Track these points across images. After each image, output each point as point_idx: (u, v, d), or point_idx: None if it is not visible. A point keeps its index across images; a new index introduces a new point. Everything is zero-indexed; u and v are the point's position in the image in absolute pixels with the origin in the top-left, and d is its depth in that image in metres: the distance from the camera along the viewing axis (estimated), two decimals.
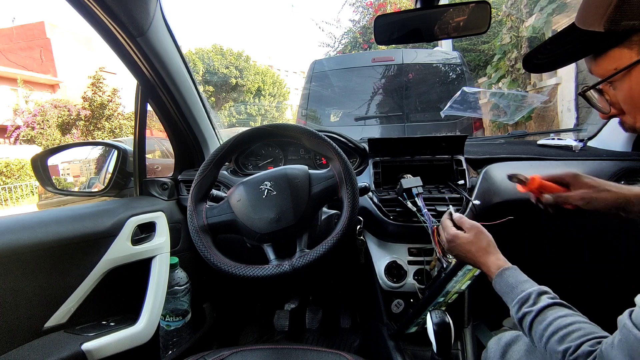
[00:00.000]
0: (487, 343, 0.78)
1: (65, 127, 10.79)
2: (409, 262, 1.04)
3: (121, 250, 0.94)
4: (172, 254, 1.08)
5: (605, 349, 0.43)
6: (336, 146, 0.81)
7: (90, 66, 11.19)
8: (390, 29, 0.90)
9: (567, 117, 3.52)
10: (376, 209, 1.02)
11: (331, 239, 0.74)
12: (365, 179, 1.12)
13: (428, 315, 0.78)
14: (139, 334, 0.92)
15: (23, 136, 10.50)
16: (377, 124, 2.90)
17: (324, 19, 18.57)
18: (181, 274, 1.10)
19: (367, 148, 1.17)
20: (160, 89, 1.07)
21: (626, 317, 0.42)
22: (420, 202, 0.92)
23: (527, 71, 0.63)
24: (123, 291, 0.97)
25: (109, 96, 10.90)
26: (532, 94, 3.59)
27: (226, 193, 0.87)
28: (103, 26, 0.87)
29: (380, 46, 4.05)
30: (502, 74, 4.03)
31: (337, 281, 1.52)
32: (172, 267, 1.07)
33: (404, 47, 2.91)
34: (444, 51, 3.32)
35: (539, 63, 0.59)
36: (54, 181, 1.27)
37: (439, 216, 0.92)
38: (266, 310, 1.58)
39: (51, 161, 1.19)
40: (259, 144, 1.34)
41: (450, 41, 4.00)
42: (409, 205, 0.94)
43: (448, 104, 1.77)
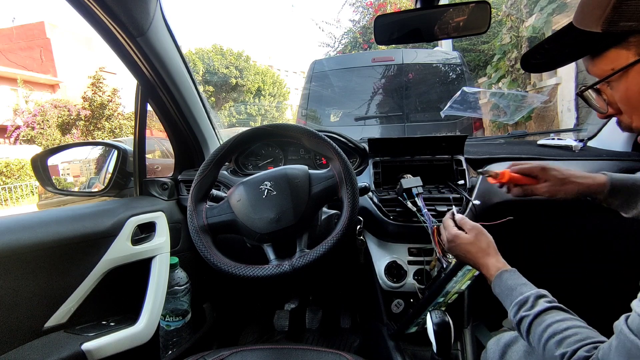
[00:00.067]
0: (487, 343, 0.78)
1: (65, 127, 10.79)
2: (409, 262, 1.04)
3: (121, 250, 0.94)
4: (172, 254, 1.08)
5: (601, 355, 0.42)
6: (336, 146, 0.81)
7: (90, 66, 11.19)
8: (390, 29, 0.90)
9: (567, 117, 3.52)
10: (376, 209, 1.02)
11: (331, 239, 0.74)
12: (365, 179, 1.12)
13: (428, 315, 0.78)
14: (139, 334, 0.92)
15: (23, 136, 10.50)
16: (377, 124, 2.90)
17: (324, 19, 18.57)
18: (181, 274, 1.10)
19: (367, 148, 1.17)
20: (160, 89, 1.07)
21: (622, 323, 0.42)
22: (420, 202, 0.92)
23: (525, 71, 0.64)
24: (123, 291, 0.97)
25: (109, 96, 10.89)
26: (532, 94, 3.60)
27: (226, 193, 0.87)
28: (103, 26, 0.87)
29: (380, 46, 4.05)
30: (502, 74, 4.03)
31: (337, 281, 1.52)
32: (172, 267, 1.07)
33: (404, 47, 2.91)
34: (444, 51, 3.32)
35: (537, 63, 0.59)
36: (54, 181, 1.27)
37: (439, 216, 0.92)
38: (266, 310, 1.58)
39: (51, 161, 1.19)
40: (259, 144, 1.34)
41: (450, 41, 4.00)
42: (409, 205, 0.94)
43: (448, 104, 1.76)
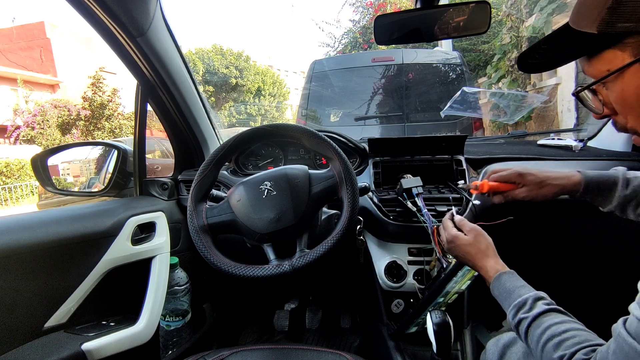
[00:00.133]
0: (486, 344, 0.78)
1: (65, 127, 10.79)
2: (409, 262, 1.04)
3: (121, 250, 0.94)
4: (172, 254, 1.08)
5: (599, 358, 0.42)
6: (336, 146, 0.81)
7: (90, 66, 11.19)
8: (390, 29, 0.90)
9: (567, 117, 3.52)
10: (376, 209, 1.02)
11: (331, 239, 0.74)
12: (365, 179, 1.12)
13: (428, 315, 0.78)
14: (139, 334, 0.92)
15: (23, 136, 10.50)
16: (377, 124, 2.90)
17: (324, 19, 18.57)
18: (181, 274, 1.10)
19: (367, 148, 1.17)
20: (160, 89, 1.07)
21: (620, 326, 0.42)
22: (420, 202, 0.92)
23: (522, 71, 0.64)
24: (123, 291, 0.97)
25: (109, 96, 10.89)
26: (532, 94, 3.59)
27: (226, 193, 0.87)
28: (103, 26, 0.87)
29: (380, 46, 4.05)
30: (502, 74, 4.03)
31: (337, 281, 1.52)
32: (172, 267, 1.07)
33: (404, 47, 2.91)
34: (444, 51, 3.32)
35: (534, 63, 0.59)
36: (54, 181, 1.27)
37: (439, 216, 0.92)
38: (266, 310, 1.58)
39: (51, 161, 1.19)
40: (259, 144, 1.34)
41: (450, 41, 4.00)
42: (409, 205, 0.94)
43: (448, 104, 1.76)
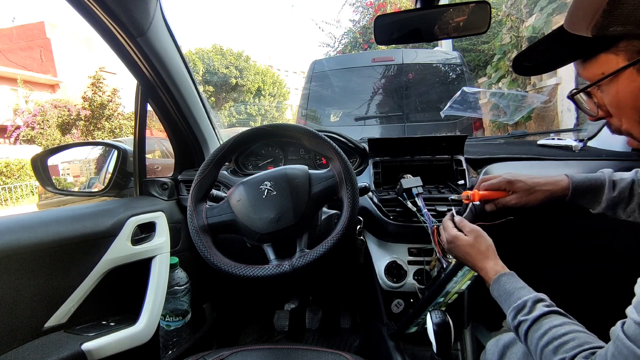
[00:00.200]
0: (486, 344, 0.78)
1: (65, 127, 10.79)
2: (409, 262, 1.04)
3: (121, 250, 0.94)
4: (172, 254, 1.08)
5: None
6: (336, 146, 0.81)
7: (90, 66, 11.19)
8: (390, 29, 0.90)
9: (567, 117, 3.51)
10: (376, 209, 1.02)
11: (331, 239, 0.74)
12: (365, 179, 1.12)
13: (428, 315, 0.78)
14: (139, 334, 0.92)
15: (23, 136, 10.50)
16: (377, 124, 2.90)
17: (324, 19, 18.56)
18: (181, 274, 1.10)
19: (367, 148, 1.17)
20: (160, 89, 1.07)
21: (619, 329, 0.42)
22: (420, 202, 0.92)
23: (517, 74, 0.64)
24: (123, 291, 0.97)
25: (109, 96, 10.89)
26: (532, 94, 3.59)
27: (226, 193, 0.87)
28: (103, 26, 0.87)
29: (380, 46, 4.05)
30: (502, 74, 4.03)
31: (337, 281, 1.52)
32: (172, 267, 1.07)
33: (404, 47, 2.91)
34: (444, 51, 3.32)
35: (529, 66, 0.59)
36: (54, 181, 1.27)
37: (439, 216, 0.92)
38: (266, 310, 1.58)
39: (51, 161, 1.19)
40: (259, 144, 1.34)
41: (450, 41, 3.99)
42: (409, 205, 0.94)
43: (448, 104, 1.76)
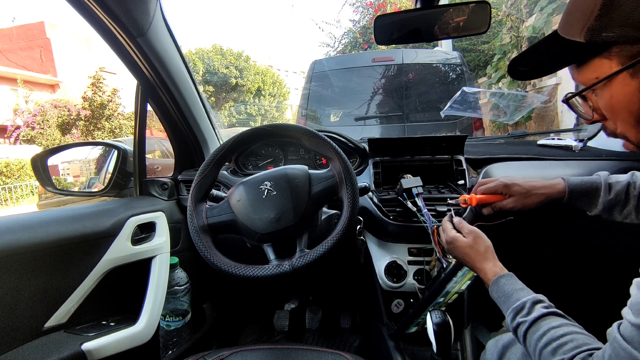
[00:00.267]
0: (486, 344, 0.78)
1: (65, 127, 10.79)
2: (409, 262, 1.04)
3: (121, 250, 0.94)
4: (172, 254, 1.08)
5: None
6: (336, 146, 0.81)
7: (90, 66, 11.19)
8: (390, 29, 0.90)
9: (567, 117, 3.51)
10: (376, 209, 1.02)
11: (331, 239, 0.74)
12: (365, 179, 1.12)
13: (428, 315, 0.78)
14: (139, 334, 0.92)
15: (23, 136, 10.50)
16: (377, 124, 2.90)
17: (324, 19, 18.55)
18: (181, 274, 1.10)
19: (367, 148, 1.17)
20: (160, 89, 1.07)
21: (615, 330, 0.42)
22: (420, 202, 0.92)
23: (513, 78, 0.64)
24: (123, 291, 0.97)
25: (109, 96, 10.89)
26: (532, 94, 3.59)
27: (226, 193, 0.87)
28: (103, 26, 0.87)
29: (380, 46, 4.05)
30: (502, 74, 4.02)
31: (337, 281, 1.52)
32: (172, 267, 1.07)
33: (404, 47, 2.91)
34: (444, 51, 3.32)
35: (524, 71, 0.59)
36: (54, 181, 1.27)
37: (439, 216, 0.92)
38: (266, 310, 1.58)
39: (51, 161, 1.19)
40: (259, 144, 1.34)
41: (450, 41, 3.99)
42: (409, 205, 0.94)
43: (448, 104, 1.76)
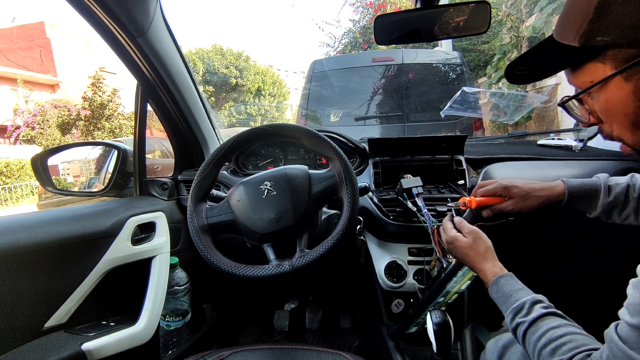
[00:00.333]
0: (486, 344, 0.78)
1: (65, 127, 10.79)
2: (409, 262, 1.04)
3: (121, 250, 0.94)
4: (172, 254, 1.08)
5: None
6: (336, 146, 0.81)
7: (90, 66, 11.19)
8: (390, 29, 0.90)
9: (567, 117, 3.49)
10: (376, 209, 1.02)
11: (331, 239, 0.74)
12: (365, 179, 1.12)
13: (428, 315, 0.78)
14: (139, 334, 0.92)
15: (23, 136, 10.50)
16: (377, 124, 2.90)
17: (324, 19, 18.52)
18: (181, 274, 1.10)
19: (367, 148, 1.17)
20: (160, 89, 1.07)
21: (612, 331, 0.42)
22: (420, 202, 0.92)
23: (510, 82, 0.64)
24: (123, 291, 0.97)
25: (109, 96, 10.89)
26: (532, 94, 3.59)
27: (226, 193, 0.87)
28: (103, 26, 0.87)
29: (380, 46, 4.05)
30: (502, 74, 4.03)
31: (337, 281, 1.52)
32: (172, 267, 1.07)
33: (404, 47, 2.91)
34: (444, 51, 3.32)
35: (521, 74, 0.59)
36: (54, 181, 1.27)
37: (439, 216, 0.93)
38: (266, 310, 1.58)
39: (51, 161, 1.19)
40: (259, 144, 1.34)
41: (450, 41, 3.99)
42: (409, 205, 0.94)
43: (448, 104, 1.76)
